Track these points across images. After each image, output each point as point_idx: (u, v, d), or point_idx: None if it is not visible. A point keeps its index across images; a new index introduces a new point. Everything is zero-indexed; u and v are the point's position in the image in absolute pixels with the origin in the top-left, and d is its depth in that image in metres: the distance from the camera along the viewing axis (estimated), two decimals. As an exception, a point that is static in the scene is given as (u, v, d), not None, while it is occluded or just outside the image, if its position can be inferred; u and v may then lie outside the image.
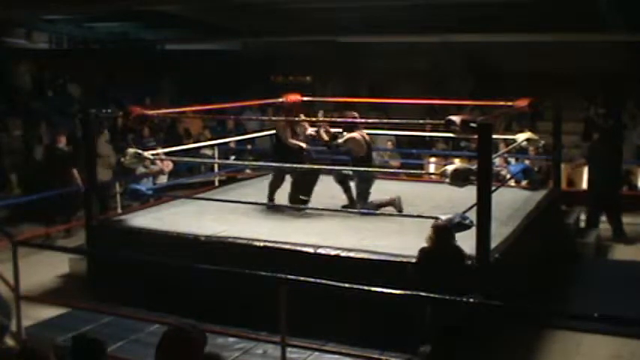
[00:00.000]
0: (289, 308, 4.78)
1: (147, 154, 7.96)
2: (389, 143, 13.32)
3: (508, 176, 9.76)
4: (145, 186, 10.30)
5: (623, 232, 9.53)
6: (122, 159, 7.93)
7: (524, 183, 9.46)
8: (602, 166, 9.56)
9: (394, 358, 5.23)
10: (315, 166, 7.70)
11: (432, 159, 12.90)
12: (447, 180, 6.13)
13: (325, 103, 13.86)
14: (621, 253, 9.07)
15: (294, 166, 7.41)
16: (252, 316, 5.80)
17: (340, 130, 7.75)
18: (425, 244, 5.43)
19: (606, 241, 9.45)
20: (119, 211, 9.69)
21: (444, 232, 5.46)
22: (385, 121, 11.69)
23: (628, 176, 11.59)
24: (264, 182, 9.51)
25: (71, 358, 3.45)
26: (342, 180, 7.77)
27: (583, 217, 9.84)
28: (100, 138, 11.18)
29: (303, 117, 8.06)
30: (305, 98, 9.45)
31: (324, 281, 4.88)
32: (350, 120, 7.76)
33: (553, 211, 8.87)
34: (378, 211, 7.46)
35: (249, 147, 13.40)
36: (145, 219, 7.55)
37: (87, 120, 7.74)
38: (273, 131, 8.36)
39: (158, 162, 10.81)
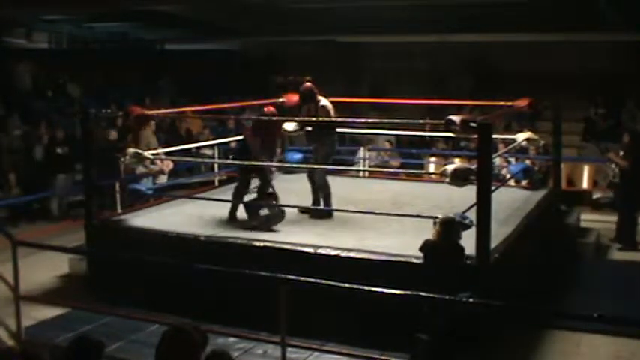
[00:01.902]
0: (289, 308, 4.77)
1: (147, 153, 7.95)
2: (387, 144, 13.32)
3: (508, 176, 9.76)
4: (145, 186, 10.29)
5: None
6: (122, 159, 7.92)
7: (524, 183, 9.46)
8: None
9: (394, 358, 5.23)
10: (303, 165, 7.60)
11: (432, 159, 12.89)
12: (447, 180, 6.12)
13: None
14: (621, 253, 9.06)
15: (295, 166, 7.35)
16: (252, 316, 5.80)
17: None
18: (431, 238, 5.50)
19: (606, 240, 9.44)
20: (119, 211, 9.67)
21: (450, 228, 5.49)
22: (385, 120, 11.69)
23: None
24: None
25: (68, 358, 3.43)
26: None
27: (583, 217, 9.83)
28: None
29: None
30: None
31: (324, 281, 4.87)
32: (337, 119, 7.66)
33: (553, 211, 8.87)
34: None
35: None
36: (145, 219, 7.54)
37: (86, 120, 7.73)
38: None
39: (158, 162, 10.80)
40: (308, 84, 7.76)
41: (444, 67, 15.57)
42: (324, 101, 7.59)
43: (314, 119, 7.49)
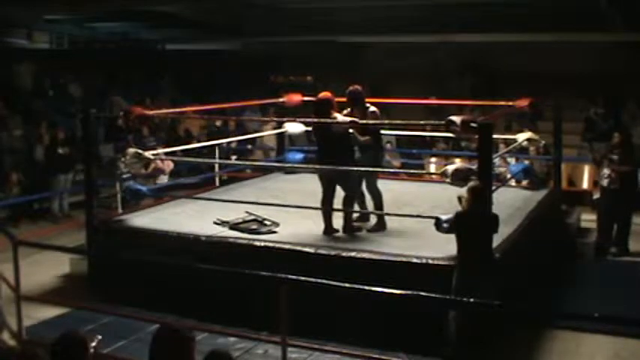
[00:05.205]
0: (289, 308, 4.77)
1: (147, 154, 7.95)
2: (388, 144, 13.29)
3: (508, 176, 9.75)
4: (145, 186, 10.29)
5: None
6: (122, 159, 7.92)
7: (524, 183, 9.46)
8: None
9: (394, 358, 5.23)
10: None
11: (433, 159, 12.89)
12: (448, 180, 6.13)
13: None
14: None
15: (299, 166, 7.13)
16: (253, 316, 5.81)
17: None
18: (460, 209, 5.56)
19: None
20: (119, 211, 9.68)
21: (479, 194, 5.47)
22: (386, 122, 11.65)
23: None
24: (265, 182, 9.54)
25: (51, 355, 3.42)
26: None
27: (583, 217, 9.83)
28: None
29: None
30: (306, 98, 9.46)
31: (324, 281, 4.87)
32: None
33: (553, 211, 8.86)
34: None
35: (249, 147, 13.41)
36: (145, 219, 7.54)
37: (87, 120, 7.73)
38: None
39: (158, 162, 10.80)
40: (357, 86, 7.22)
41: (444, 67, 15.57)
42: (372, 107, 7.16)
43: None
